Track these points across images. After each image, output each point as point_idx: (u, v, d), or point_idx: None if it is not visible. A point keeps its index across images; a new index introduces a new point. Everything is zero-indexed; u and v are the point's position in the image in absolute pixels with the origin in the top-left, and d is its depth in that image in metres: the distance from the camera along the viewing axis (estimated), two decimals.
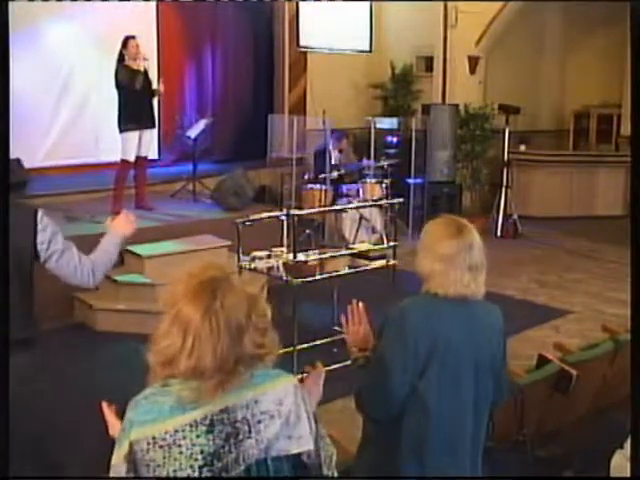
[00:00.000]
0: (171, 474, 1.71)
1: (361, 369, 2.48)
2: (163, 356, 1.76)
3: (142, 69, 7.44)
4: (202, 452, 1.72)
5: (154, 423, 1.72)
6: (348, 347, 2.55)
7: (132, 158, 7.61)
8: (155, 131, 8.06)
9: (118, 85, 7.44)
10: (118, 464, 1.75)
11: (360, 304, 2.56)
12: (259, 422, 1.76)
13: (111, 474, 1.76)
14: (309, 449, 1.83)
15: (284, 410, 1.79)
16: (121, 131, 7.55)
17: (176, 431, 1.72)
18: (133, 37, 7.51)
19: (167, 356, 1.75)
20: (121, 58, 7.44)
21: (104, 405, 1.98)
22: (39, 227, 2.88)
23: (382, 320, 2.44)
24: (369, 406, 2.43)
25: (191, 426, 1.73)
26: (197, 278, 1.79)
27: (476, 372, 2.38)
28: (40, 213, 2.92)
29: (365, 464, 2.52)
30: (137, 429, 1.73)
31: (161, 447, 1.71)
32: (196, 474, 1.71)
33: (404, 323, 2.34)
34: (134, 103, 7.45)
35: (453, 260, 2.32)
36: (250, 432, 1.75)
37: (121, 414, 1.87)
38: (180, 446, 1.71)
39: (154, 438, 1.72)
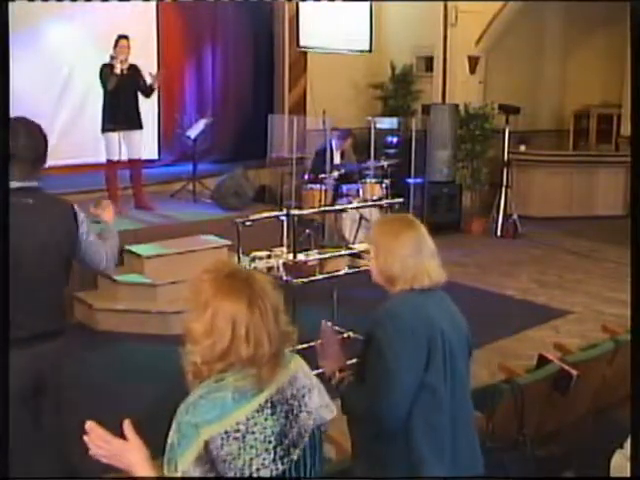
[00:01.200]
0: (247, 462, 1.76)
1: (351, 387, 2.45)
2: (210, 354, 1.79)
3: (119, 71, 7.33)
4: (273, 433, 1.79)
5: (221, 418, 1.75)
6: (327, 372, 2.51)
7: (116, 158, 7.57)
8: (148, 131, 8.00)
9: (101, 83, 7.43)
10: (188, 470, 1.73)
11: (328, 323, 2.59)
12: (303, 396, 1.88)
13: None
14: (334, 414, 1.96)
15: (314, 382, 1.93)
16: (102, 131, 7.56)
17: (247, 419, 1.77)
18: (125, 37, 7.44)
19: (215, 353, 1.79)
20: (112, 57, 7.41)
21: (127, 424, 1.84)
22: (79, 219, 3.03)
23: (368, 325, 2.41)
24: (382, 412, 2.34)
25: (258, 411, 1.79)
26: (222, 273, 1.84)
27: (464, 355, 2.46)
28: (76, 207, 3.07)
29: (362, 467, 2.49)
30: (206, 428, 1.74)
31: (236, 439, 1.75)
32: (271, 456, 1.78)
33: (398, 323, 2.34)
34: (111, 103, 7.41)
35: (420, 252, 2.40)
36: (300, 406, 1.86)
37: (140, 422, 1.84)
38: (254, 433, 1.77)
39: (226, 432, 1.75)
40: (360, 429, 2.48)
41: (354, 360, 2.50)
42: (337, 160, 8.71)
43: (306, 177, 8.62)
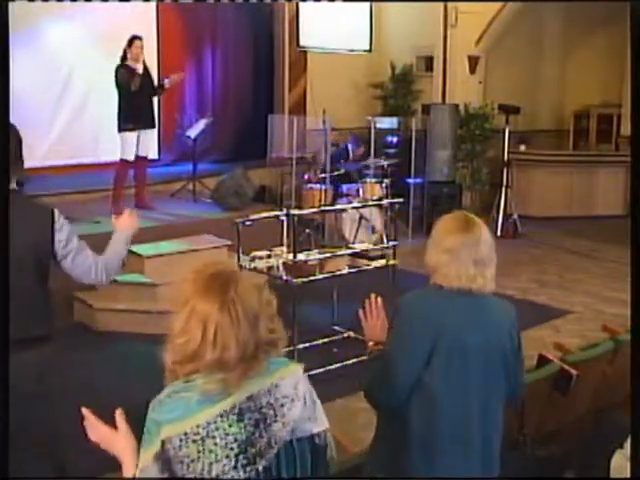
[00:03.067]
0: (206, 467, 1.73)
1: (373, 361, 2.53)
2: (182, 353, 1.78)
3: (141, 71, 7.44)
4: (236, 440, 1.75)
5: (183, 419, 1.74)
6: (365, 340, 2.61)
7: (131, 158, 7.61)
8: (155, 131, 8.06)
9: (117, 84, 7.45)
10: (147, 466, 1.75)
11: (378, 298, 2.61)
12: (282, 406, 1.81)
13: (140, 476, 1.76)
14: (325, 429, 1.90)
15: (300, 393, 1.86)
16: (119, 131, 7.57)
17: (208, 423, 1.74)
18: (139, 38, 7.51)
19: (187, 352, 1.78)
20: (124, 57, 7.44)
21: (119, 412, 1.93)
22: (56, 226, 2.92)
23: (391, 313, 2.50)
24: (376, 394, 2.48)
25: (221, 416, 1.75)
26: (205, 273, 1.83)
27: (485, 367, 2.39)
28: (57, 213, 2.96)
29: (376, 461, 2.53)
30: (167, 427, 1.74)
31: (194, 441, 1.73)
32: (232, 463, 1.74)
33: (407, 312, 2.42)
34: (132, 103, 7.46)
35: (458, 253, 2.36)
36: (276, 416, 1.80)
37: (138, 419, 1.85)
38: (214, 437, 1.74)
39: (186, 434, 1.73)
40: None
41: (352, 361, 2.52)
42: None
43: (306, 177, 8.63)
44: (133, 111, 7.48)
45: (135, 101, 7.45)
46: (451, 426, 2.36)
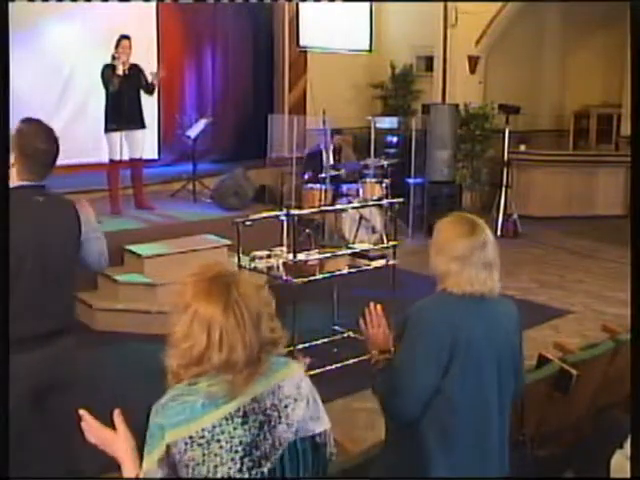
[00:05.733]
0: (211, 469, 1.73)
1: (382, 372, 2.45)
2: (187, 357, 1.77)
3: (122, 72, 7.32)
4: (241, 443, 1.75)
5: (188, 422, 1.73)
6: (368, 350, 2.54)
7: (117, 157, 7.57)
8: (148, 131, 8.01)
9: (103, 84, 7.44)
10: (151, 470, 1.74)
11: (378, 306, 2.54)
12: (286, 407, 1.81)
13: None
14: (327, 428, 1.90)
15: (303, 393, 1.86)
16: (105, 131, 7.56)
17: (213, 427, 1.74)
18: (127, 37, 7.43)
19: (192, 356, 1.77)
20: (113, 57, 7.40)
21: (117, 413, 1.91)
22: (82, 219, 3.03)
23: (400, 321, 2.43)
24: (393, 408, 2.40)
25: (227, 419, 1.75)
26: (205, 276, 1.82)
27: (498, 368, 2.39)
28: (77, 206, 3.08)
29: (386, 465, 2.49)
30: (171, 431, 1.73)
31: (199, 445, 1.73)
32: (237, 466, 1.74)
33: (424, 323, 2.34)
34: (114, 104, 7.41)
35: (468, 259, 2.33)
36: (280, 417, 1.80)
37: (137, 419, 1.84)
38: (219, 441, 1.73)
39: (191, 437, 1.73)
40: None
41: (352, 361, 2.50)
42: (331, 159, 8.62)
43: (306, 177, 8.63)
44: (115, 111, 7.43)
45: (118, 101, 7.37)
46: (471, 432, 2.34)
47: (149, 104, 8.44)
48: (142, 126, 7.75)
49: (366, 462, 2.66)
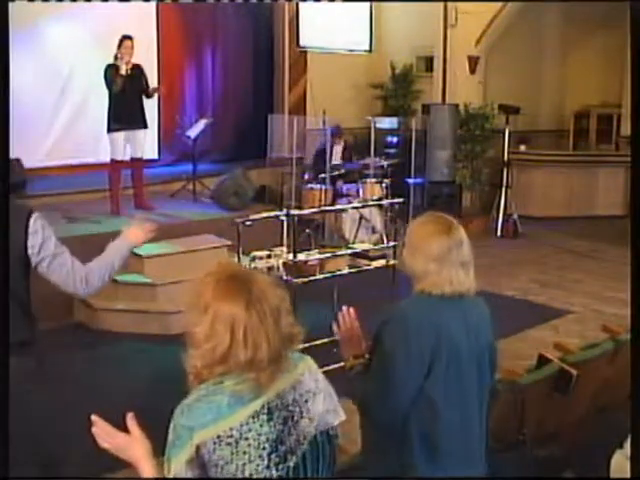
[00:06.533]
0: (240, 467, 1.74)
1: (359, 376, 2.44)
2: (211, 357, 1.77)
3: (125, 72, 7.36)
4: (267, 439, 1.76)
5: (216, 422, 1.74)
6: (342, 354, 2.51)
7: (120, 157, 7.59)
8: (147, 131, 8.03)
9: (105, 84, 7.45)
10: (181, 471, 1.73)
11: (351, 309, 2.51)
12: (306, 401, 1.84)
13: None
14: (343, 419, 1.92)
15: (321, 386, 1.88)
16: (108, 131, 7.57)
17: (241, 425, 1.75)
18: (129, 37, 7.46)
19: (216, 356, 1.77)
20: (116, 57, 7.41)
21: (130, 417, 1.87)
22: (30, 230, 2.76)
23: (379, 324, 2.41)
24: (377, 413, 2.39)
25: (253, 417, 1.76)
26: (222, 275, 1.82)
27: (478, 367, 2.39)
28: (34, 216, 2.79)
29: (371, 471, 2.48)
30: (200, 432, 1.73)
31: (228, 444, 1.74)
32: (265, 462, 1.75)
33: (405, 326, 2.33)
34: (118, 104, 7.44)
35: (446, 259, 2.33)
36: (302, 412, 1.82)
37: (138, 420, 1.83)
38: (247, 439, 1.75)
39: (219, 437, 1.73)
40: (364, 419, 2.48)
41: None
42: (335, 159, 8.66)
43: (306, 177, 8.63)
44: (119, 111, 7.46)
45: (121, 101, 7.41)
46: (454, 431, 2.34)
47: (149, 104, 8.44)
48: (144, 126, 7.79)
49: (365, 463, 2.66)
